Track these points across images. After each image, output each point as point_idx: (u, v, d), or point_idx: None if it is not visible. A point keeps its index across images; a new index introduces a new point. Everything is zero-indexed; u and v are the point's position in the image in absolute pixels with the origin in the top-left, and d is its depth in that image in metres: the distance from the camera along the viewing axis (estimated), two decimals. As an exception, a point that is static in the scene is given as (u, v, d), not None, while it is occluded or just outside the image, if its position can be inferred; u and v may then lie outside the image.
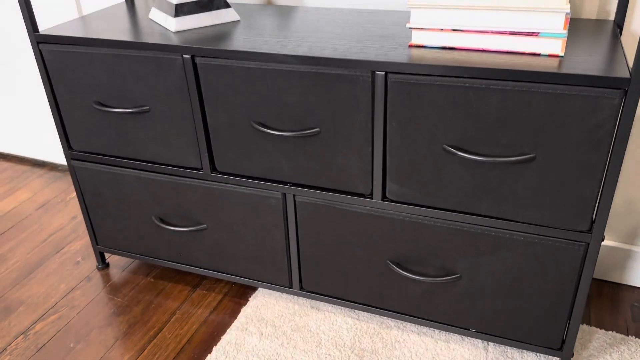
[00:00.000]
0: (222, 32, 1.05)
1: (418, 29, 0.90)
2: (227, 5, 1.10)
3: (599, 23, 1.00)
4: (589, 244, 0.89)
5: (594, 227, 0.87)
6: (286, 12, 1.17)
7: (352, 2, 1.22)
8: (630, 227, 1.22)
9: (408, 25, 0.90)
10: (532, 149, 0.84)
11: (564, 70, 0.78)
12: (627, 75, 0.75)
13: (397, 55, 0.87)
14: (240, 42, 0.98)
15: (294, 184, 1.05)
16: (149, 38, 1.02)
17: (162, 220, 1.21)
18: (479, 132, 0.85)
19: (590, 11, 1.05)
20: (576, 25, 0.99)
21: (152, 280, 1.34)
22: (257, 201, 1.09)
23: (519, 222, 0.91)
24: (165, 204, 1.18)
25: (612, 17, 1.05)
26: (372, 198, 1.00)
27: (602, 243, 1.26)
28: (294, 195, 1.06)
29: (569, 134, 0.81)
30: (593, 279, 1.30)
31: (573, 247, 0.90)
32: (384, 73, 0.87)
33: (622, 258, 1.25)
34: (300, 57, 0.90)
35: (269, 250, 1.15)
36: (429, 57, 0.86)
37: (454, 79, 0.83)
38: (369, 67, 0.87)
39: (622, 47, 0.87)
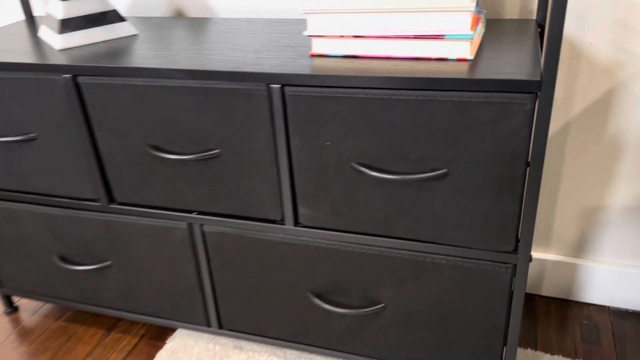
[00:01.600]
0: (114, 48, 0.95)
1: (317, 36, 0.81)
2: (122, 19, 1.01)
3: (520, 23, 0.93)
4: (515, 265, 0.80)
5: (520, 246, 0.78)
6: (194, 24, 1.08)
7: (267, 11, 1.14)
8: (575, 239, 1.15)
9: (305, 33, 0.81)
10: (444, 164, 0.75)
11: (471, 75, 0.70)
12: (538, 77, 0.67)
13: (295, 66, 0.79)
14: (130, 57, 0.88)
15: (199, 213, 0.95)
16: (31, 58, 0.92)
17: (63, 259, 1.09)
18: (387, 147, 0.77)
19: (512, 11, 0.98)
20: (496, 26, 0.91)
21: (63, 323, 1.21)
22: (161, 233, 0.98)
23: (439, 244, 0.82)
24: (65, 241, 1.07)
25: (534, 16, 0.98)
26: (284, 224, 0.90)
27: (548, 258, 1.18)
28: (200, 225, 0.96)
29: (482, 145, 0.73)
30: (540, 296, 1.22)
31: (499, 269, 0.81)
32: (279, 86, 0.78)
33: (570, 273, 1.17)
34: (188, 71, 0.81)
35: (181, 287, 1.04)
36: (328, 66, 0.77)
37: (355, 90, 0.74)
38: (264, 79, 0.78)
39: (540, 47, 0.80)
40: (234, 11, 1.16)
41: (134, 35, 1.02)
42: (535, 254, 1.19)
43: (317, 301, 0.93)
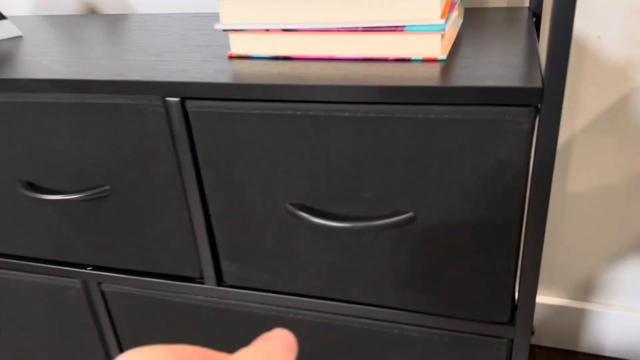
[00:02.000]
0: (-17, 53, 0.72)
1: (235, 31, 0.60)
2: (1, 17, 0.79)
3: (509, 12, 0.72)
4: (512, 340, 0.59)
5: (517, 316, 0.57)
6: (103, 23, 0.86)
7: (191, 6, 0.92)
8: (583, 279, 0.94)
9: (217, 26, 0.60)
10: (409, 205, 0.54)
11: (443, 82, 0.48)
12: (539, 84, 0.46)
13: (203, 71, 0.57)
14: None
15: (95, 268, 0.73)
16: None
17: (-63, 322, 0.86)
18: (331, 182, 0.55)
19: (498, -2, 0.78)
20: (478, 16, 0.71)
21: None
22: (52, 293, 0.76)
23: (408, 312, 0.61)
24: (-63, 300, 0.84)
25: (526, 3, 0.77)
26: (203, 283, 0.68)
27: (551, 301, 0.97)
28: (98, 284, 0.73)
29: (461, 179, 0.51)
30: (540, 347, 1.01)
31: (490, 345, 0.59)
32: (179, 100, 0.56)
33: (576, 319, 0.96)
34: (57, 81, 0.59)
35: (85, 358, 0.81)
36: (245, 72, 0.56)
37: (284, 104, 0.53)
38: (157, 91, 0.56)
39: (536, 43, 0.59)
40: (156, 6, 0.94)
41: (17, 37, 0.80)
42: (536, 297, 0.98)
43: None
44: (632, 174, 0.83)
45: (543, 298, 0.98)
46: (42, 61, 0.66)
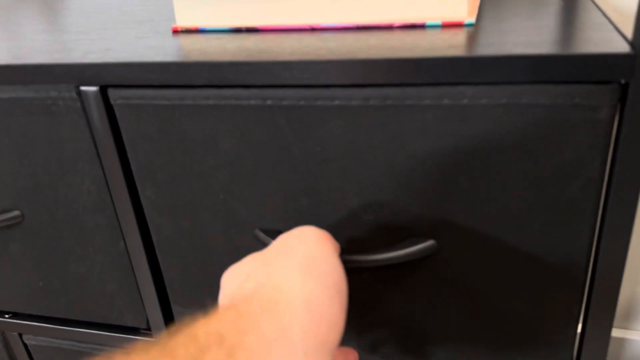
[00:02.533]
0: None
1: (180, -6, 0.44)
2: None
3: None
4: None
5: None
6: (40, 2, 0.69)
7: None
8: (621, 303, 0.79)
9: (155, -12, 0.44)
10: (428, 228, 0.37)
11: (473, 52, 0.33)
12: (627, 49, 0.31)
13: (133, 49, 0.41)
14: None
15: (14, 315, 0.56)
16: None
17: None
18: (318, 199, 0.39)
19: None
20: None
21: None
22: (-39, 347, 0.59)
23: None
24: None
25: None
26: (151, 335, 0.52)
27: (629, 336, 0.81)
28: (20, 335, 0.57)
29: (507, 195, 0.36)
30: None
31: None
32: (97, 89, 0.40)
33: (615, 350, 0.81)
34: None
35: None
36: (192, 48, 0.40)
37: (247, 91, 0.37)
38: (68, 78, 0.40)
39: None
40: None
41: None
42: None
43: None
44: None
45: (621, 332, 0.82)
46: None
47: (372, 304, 0.42)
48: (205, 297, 0.47)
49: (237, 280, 0.31)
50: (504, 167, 0.34)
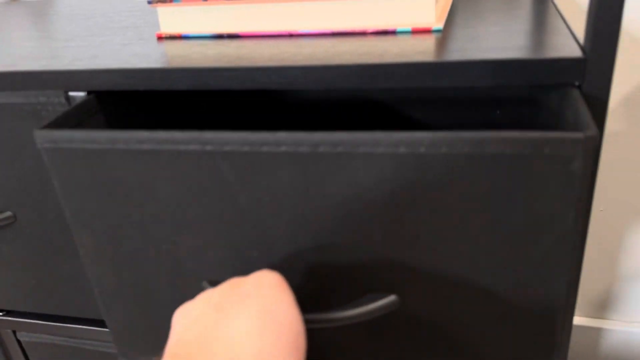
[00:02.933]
0: None
1: (163, 3, 0.46)
2: None
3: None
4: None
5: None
6: (27, 10, 0.71)
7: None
8: (599, 295, 0.81)
9: (139, -3, 0.46)
10: (390, 283, 0.35)
11: (441, 57, 0.35)
12: (579, 53, 0.33)
13: (117, 57, 0.43)
14: None
15: (8, 312, 0.58)
16: None
17: None
18: (270, 249, 0.36)
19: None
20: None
21: None
22: (-44, 345, 0.61)
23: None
24: None
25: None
26: (141, 329, 0.54)
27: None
28: (14, 332, 0.58)
29: (477, 246, 0.33)
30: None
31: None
32: (84, 94, 0.42)
33: (593, 339, 0.84)
34: None
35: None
36: (174, 54, 0.41)
37: (183, 136, 0.38)
38: (57, 84, 0.42)
39: (554, 3, 0.46)
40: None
41: None
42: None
43: None
44: (656, 170, 0.71)
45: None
46: None
47: (332, 358, 0.40)
48: (147, 345, 0.45)
49: (185, 321, 0.29)
50: (470, 220, 0.32)
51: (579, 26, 0.64)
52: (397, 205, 0.32)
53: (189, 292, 0.40)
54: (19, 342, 0.59)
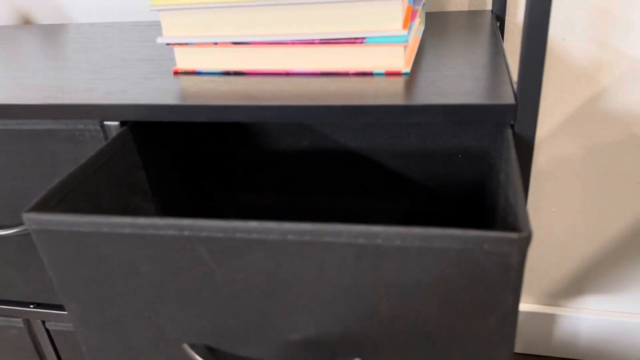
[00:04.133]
0: None
1: (179, 45, 0.54)
2: None
3: (472, 15, 0.69)
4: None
5: None
6: (39, 34, 0.79)
7: (132, 13, 0.86)
8: (553, 283, 0.93)
9: (160, 40, 0.54)
10: (353, 350, 0.40)
11: (405, 100, 0.44)
12: (512, 100, 0.43)
13: (144, 91, 0.51)
14: None
15: (38, 305, 0.66)
16: None
17: None
18: (245, 320, 0.41)
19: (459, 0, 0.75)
20: (440, 22, 0.67)
21: None
22: (-10, 334, 0.69)
23: None
24: None
25: (489, 6, 0.74)
26: (157, 318, 0.63)
27: (521, 308, 0.95)
28: (43, 322, 0.67)
29: (429, 323, 0.39)
30: (516, 354, 0.99)
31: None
32: (118, 124, 0.51)
33: (548, 324, 0.95)
34: (-23, 108, 0.52)
35: (33, 399, 0.75)
36: (192, 90, 0.51)
37: (160, 222, 0.44)
38: (94, 115, 0.51)
39: (503, 51, 0.55)
40: (95, 15, 0.88)
41: (-62, 52, 0.72)
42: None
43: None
44: (604, 176, 0.82)
45: (514, 303, 0.96)
46: (-35, 81, 0.59)
47: None
48: None
49: None
50: (425, 304, 0.37)
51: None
52: (360, 288, 0.37)
53: (172, 354, 0.44)
54: (47, 330, 0.67)
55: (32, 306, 0.66)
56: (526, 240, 0.33)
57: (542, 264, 0.91)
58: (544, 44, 0.40)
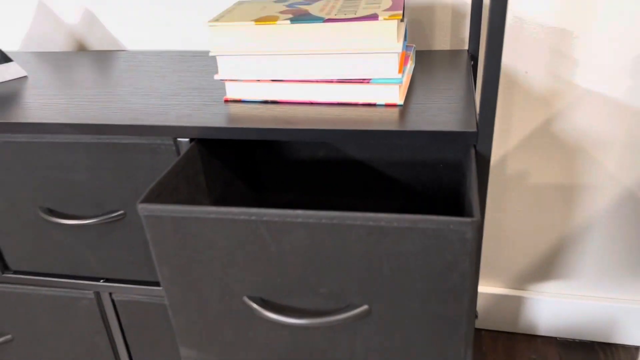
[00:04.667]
0: (-3, 94, 0.81)
1: (231, 80, 0.72)
2: (7, 59, 0.87)
3: (452, 55, 0.87)
4: None
5: None
6: (95, 61, 0.96)
7: (180, 42, 1.03)
8: (519, 271, 1.11)
9: (217, 77, 0.72)
10: (363, 299, 0.57)
11: (398, 127, 0.62)
12: (474, 128, 0.61)
13: (205, 115, 0.69)
14: (13, 108, 0.75)
15: (107, 280, 0.83)
16: None
17: (-48, 336, 0.94)
18: (288, 279, 0.57)
19: (442, 40, 0.93)
20: (427, 59, 0.85)
21: (-40, 405, 1.06)
22: (66, 304, 0.86)
23: None
24: (-48, 316, 0.92)
25: (466, 46, 0.93)
26: (205, 289, 0.80)
27: (492, 291, 1.13)
28: (110, 294, 0.84)
29: (412, 280, 0.55)
30: (487, 330, 1.18)
31: None
32: (187, 140, 0.68)
33: (515, 306, 1.13)
34: (79, 125, 0.69)
35: (94, 360, 0.91)
36: (241, 115, 0.68)
37: (237, 210, 0.62)
38: (169, 133, 0.68)
39: (473, 87, 0.73)
40: (143, 43, 1.05)
41: (23, 78, 0.89)
42: (481, 287, 1.15)
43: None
44: (559, 182, 1.00)
45: (486, 288, 1.14)
46: (59, 104, 0.76)
47: (328, 347, 0.59)
48: (204, 344, 0.65)
49: None
50: (412, 264, 0.53)
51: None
52: (368, 256, 0.53)
53: (233, 304, 0.60)
54: (112, 301, 0.84)
55: (102, 280, 0.83)
56: (477, 223, 0.51)
57: (510, 254, 1.09)
58: (496, 93, 0.58)
